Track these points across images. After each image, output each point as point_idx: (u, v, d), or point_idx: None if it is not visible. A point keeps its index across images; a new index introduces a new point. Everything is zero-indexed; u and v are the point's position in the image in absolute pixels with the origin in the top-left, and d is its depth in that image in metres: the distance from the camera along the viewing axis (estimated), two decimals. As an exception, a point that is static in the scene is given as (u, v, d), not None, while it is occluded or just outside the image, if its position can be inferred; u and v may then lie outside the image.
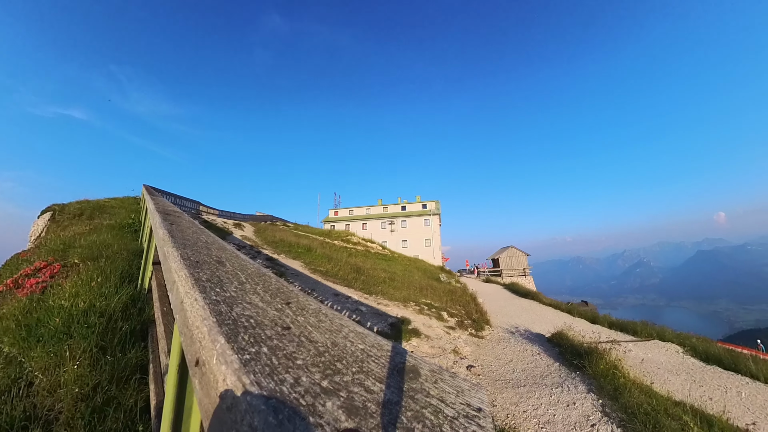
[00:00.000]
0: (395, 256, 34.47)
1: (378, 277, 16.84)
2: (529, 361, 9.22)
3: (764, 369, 11.68)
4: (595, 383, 7.25)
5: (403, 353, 0.99)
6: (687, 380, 10.66)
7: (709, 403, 8.70)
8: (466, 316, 13.39)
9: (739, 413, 8.29)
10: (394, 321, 9.65)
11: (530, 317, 16.95)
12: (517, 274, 54.44)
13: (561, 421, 5.70)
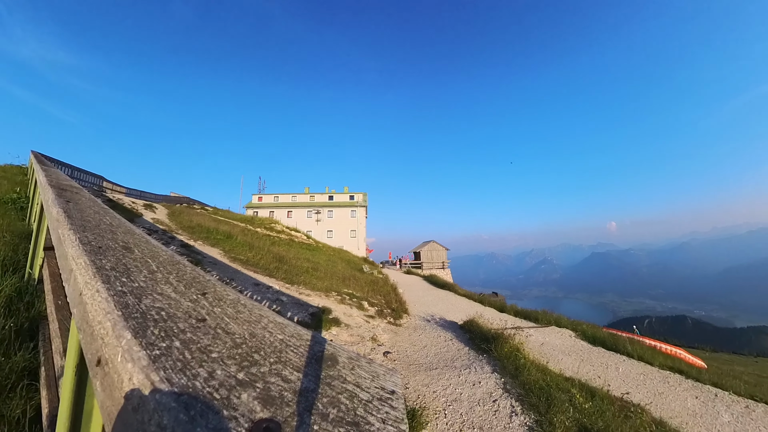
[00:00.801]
0: (320, 246, 34.07)
1: (301, 266, 16.57)
2: (442, 346, 9.81)
3: (637, 349, 13.71)
4: (499, 364, 7.95)
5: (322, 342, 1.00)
6: (577, 359, 12.11)
7: (593, 378, 10.01)
8: (386, 305, 13.75)
9: (617, 385, 9.72)
10: (315, 311, 9.62)
11: (445, 306, 17.90)
12: (436, 266, 57.21)
13: (467, 399, 6.19)
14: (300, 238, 32.79)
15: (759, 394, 10.92)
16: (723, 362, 26.79)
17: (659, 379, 11.20)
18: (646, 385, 10.50)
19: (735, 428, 8.62)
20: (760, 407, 10.06)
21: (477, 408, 5.91)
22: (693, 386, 11.05)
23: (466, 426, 5.33)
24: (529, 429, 5.36)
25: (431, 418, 5.35)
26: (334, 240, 60.43)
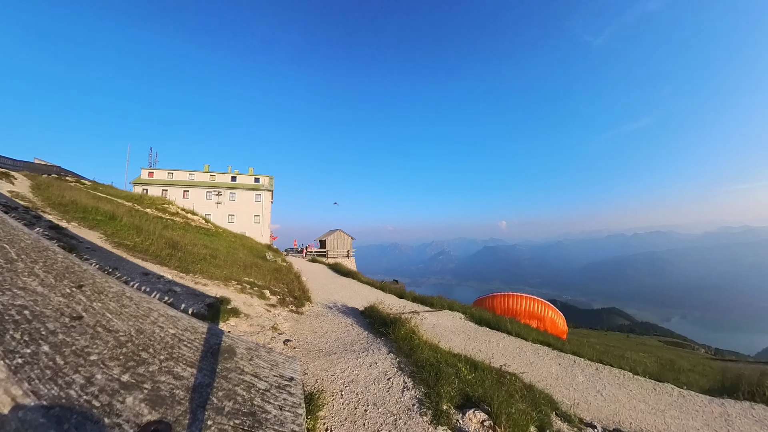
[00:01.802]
0: (220, 231, 31.43)
1: (198, 253, 15.19)
2: (343, 331, 10.01)
3: (515, 327, 15.56)
4: (396, 346, 8.38)
5: (219, 334, 0.96)
6: (465, 338, 13.36)
7: (478, 353, 11.24)
8: (289, 293, 13.47)
9: (497, 358, 11.08)
10: (213, 301, 8.97)
11: (348, 294, 18.19)
12: (341, 255, 57.70)
13: (363, 379, 6.46)
14: (197, 221, 30.05)
15: (606, 359, 13.40)
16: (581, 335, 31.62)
17: (531, 351, 13.04)
18: (521, 357, 12.19)
19: (587, 385, 10.66)
20: (606, 369, 12.39)
21: (372, 387, 6.18)
22: (557, 356, 13.06)
23: (361, 404, 5.56)
24: (419, 401, 5.78)
25: (328, 399, 5.47)
26: (236, 225, 56.67)
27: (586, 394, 10.01)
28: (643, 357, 17.29)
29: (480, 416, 5.62)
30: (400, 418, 5.27)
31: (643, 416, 9.12)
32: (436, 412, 5.42)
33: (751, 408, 10.18)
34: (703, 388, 11.74)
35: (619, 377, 11.74)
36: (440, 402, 5.66)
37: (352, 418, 5.11)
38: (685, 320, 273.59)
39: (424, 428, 5.10)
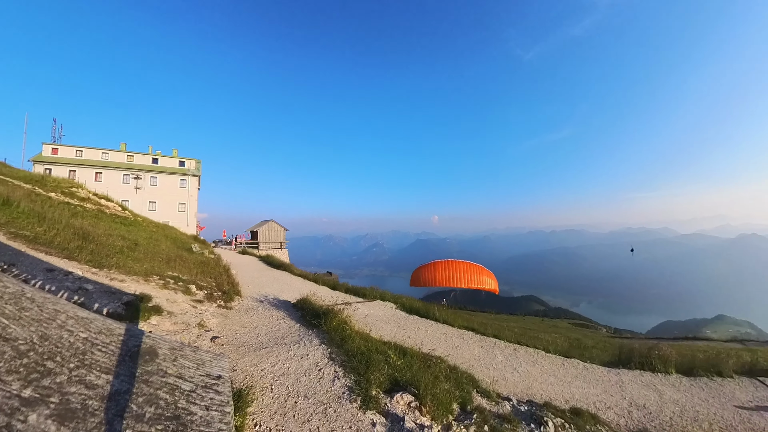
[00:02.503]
0: (139, 220, 28.15)
1: (114, 245, 13.53)
2: (274, 325, 9.79)
3: (443, 314, 16.34)
4: (327, 337, 8.47)
5: (139, 335, 0.90)
6: (395, 326, 13.77)
7: (407, 340, 11.69)
8: (217, 288, 12.78)
9: (425, 343, 11.62)
10: (131, 299, 8.14)
11: (280, 286, 17.78)
12: (274, 247, 55.79)
13: (294, 371, 6.44)
14: (113, 208, 26.79)
15: (523, 341, 14.76)
16: (502, 320, 34.04)
17: (457, 336, 13.91)
18: (447, 342, 12.97)
19: (505, 364, 11.67)
20: (522, 349, 13.62)
21: (303, 378, 6.20)
22: (480, 339, 14.08)
23: (292, 396, 5.56)
24: (349, 389, 5.94)
25: (258, 395, 5.38)
26: (157, 213, 50.58)
27: (504, 371, 11.02)
28: (554, 337, 19.23)
29: (407, 398, 5.89)
30: (330, 407, 5.36)
31: (553, 388, 10.34)
32: (365, 398, 5.60)
33: (641, 375, 12.22)
34: (603, 361, 13.49)
35: (534, 356, 13.04)
36: (370, 388, 5.84)
37: (282, 411, 5.09)
38: (591, 305, 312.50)
39: (353, 414, 5.23)
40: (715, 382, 12.01)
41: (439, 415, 5.87)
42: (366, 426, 5.00)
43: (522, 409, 7.31)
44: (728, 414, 9.81)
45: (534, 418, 6.85)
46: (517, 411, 7.23)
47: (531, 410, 7.25)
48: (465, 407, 6.71)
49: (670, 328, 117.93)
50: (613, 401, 9.99)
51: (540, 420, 6.73)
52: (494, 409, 7.25)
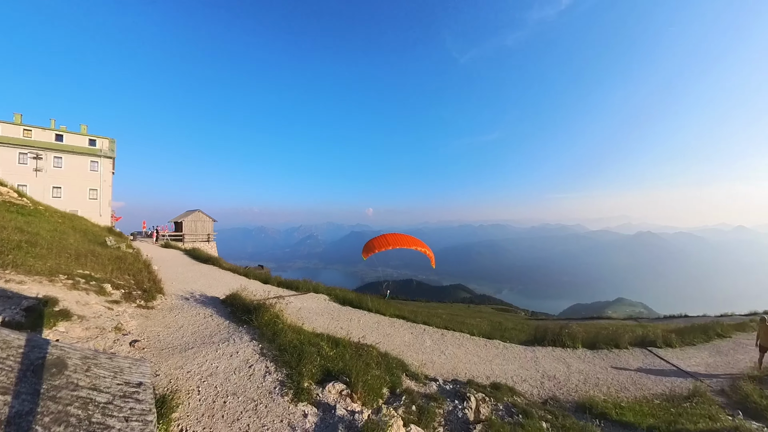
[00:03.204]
0: (41, 209, 23.85)
1: (9, 240, 11.37)
2: (201, 323, 9.24)
3: (375, 304, 16.68)
4: (259, 332, 8.22)
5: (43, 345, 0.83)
6: (328, 318, 13.80)
7: (340, 330, 11.78)
8: (137, 286, 11.71)
9: (358, 333, 11.72)
10: (33, 303, 7.00)
11: (208, 282, 16.85)
12: (201, 239, 52.05)
13: (223, 371, 6.16)
14: (6, 195, 22.86)
15: (450, 326, 15.61)
16: (432, 308, 35.48)
17: (388, 324, 14.35)
18: (379, 330, 13.35)
19: (433, 348, 12.35)
20: (449, 333, 14.46)
21: (233, 377, 5.98)
22: (411, 326, 14.69)
23: (220, 396, 5.34)
24: (280, 383, 5.85)
25: (184, 398, 5.09)
26: (64, 201, 42.02)
27: (432, 355, 11.69)
28: (478, 322, 20.66)
29: (339, 387, 5.99)
30: (260, 403, 5.25)
31: (476, 367, 11.24)
32: (297, 391, 5.59)
33: (553, 351, 13.77)
34: (521, 340, 14.88)
35: (460, 339, 13.93)
36: (302, 380, 5.83)
37: (210, 412, 4.88)
38: (512, 291, 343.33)
39: (285, 407, 5.20)
40: (613, 353, 14.00)
41: (370, 400, 6.06)
42: (298, 418, 5.00)
43: (447, 388, 7.83)
44: (623, 378, 11.54)
45: (458, 395, 7.36)
46: (443, 390, 7.75)
47: (455, 388, 7.80)
48: (395, 390, 7.01)
49: (578, 310, 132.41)
50: (528, 374, 11.14)
51: (463, 396, 7.24)
52: (422, 390, 7.67)
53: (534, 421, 6.84)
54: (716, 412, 8.70)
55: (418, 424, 5.77)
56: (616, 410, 8.50)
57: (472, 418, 6.62)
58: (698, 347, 15.59)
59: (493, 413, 7.13)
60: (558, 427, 6.86)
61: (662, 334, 15.88)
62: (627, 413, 8.39)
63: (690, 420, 8.06)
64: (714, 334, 17.15)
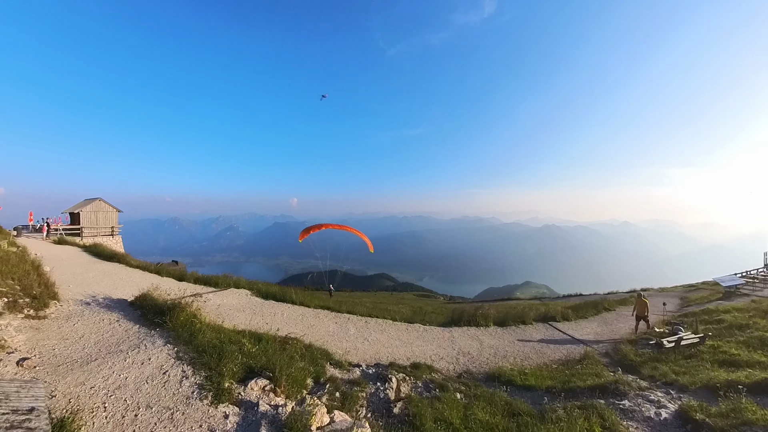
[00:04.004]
0: None
1: None
2: (105, 331, 8.18)
3: (299, 296, 16.55)
4: (173, 334, 7.63)
5: None
6: (250, 314, 13.38)
7: (263, 325, 11.51)
8: (23, 292, 9.93)
9: (281, 327, 11.49)
10: None
11: (113, 282, 15.13)
12: (103, 233, 45.82)
13: (134, 381, 5.66)
14: None
15: (374, 313, 16.04)
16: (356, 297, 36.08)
17: (313, 316, 14.34)
18: (303, 322, 13.31)
19: (357, 336, 12.62)
20: (373, 320, 14.86)
21: (145, 386, 5.55)
22: (335, 316, 14.84)
23: (131, 409, 4.94)
24: (199, 386, 5.58)
25: (87, 418, 4.59)
26: None
27: (356, 342, 11.99)
28: (400, 308, 21.57)
29: (262, 383, 5.94)
30: (177, 411, 4.98)
31: (398, 350, 11.80)
32: (217, 392, 5.40)
33: (468, 330, 14.91)
34: (440, 323, 15.89)
35: (383, 325, 14.43)
36: (222, 381, 5.64)
37: (119, 429, 4.50)
38: (433, 278, 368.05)
39: (204, 411, 5.01)
40: (520, 328, 15.69)
41: (294, 393, 6.10)
42: (218, 420, 4.86)
43: (370, 372, 8.19)
44: (527, 349, 13.07)
45: (380, 377, 7.74)
46: (366, 374, 8.08)
47: (378, 371, 8.18)
48: (319, 380, 7.13)
49: (491, 293, 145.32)
50: (445, 353, 12.02)
51: (385, 378, 7.63)
52: (346, 376, 7.89)
53: (450, 393, 7.48)
54: (601, 370, 10.37)
55: (341, 410, 5.96)
56: (521, 376, 9.75)
57: (393, 397, 7.01)
58: (589, 319, 18.24)
59: (413, 390, 7.62)
60: (470, 396, 7.59)
61: (561, 311, 18.26)
62: (530, 378, 9.65)
63: (580, 378, 9.49)
64: (602, 308, 20.26)
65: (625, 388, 8.52)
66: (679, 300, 25.58)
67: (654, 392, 8.40)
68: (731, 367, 9.69)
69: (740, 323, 14.27)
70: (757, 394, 7.67)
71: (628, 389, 8.48)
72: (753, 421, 6.25)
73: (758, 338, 11.86)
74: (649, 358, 11.33)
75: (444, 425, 6.13)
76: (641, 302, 15.11)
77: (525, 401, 7.71)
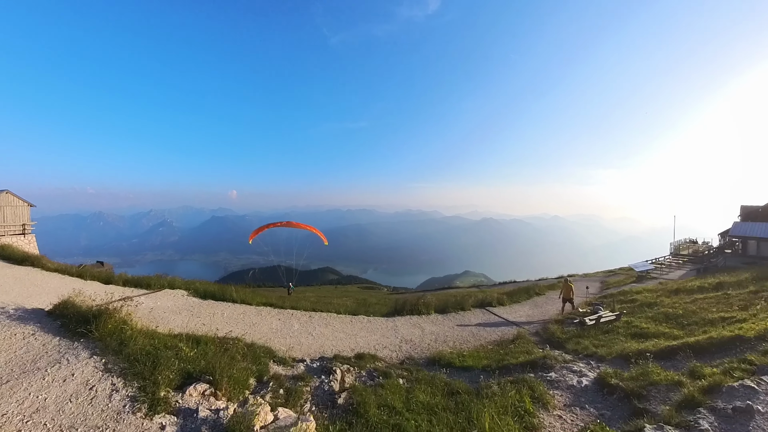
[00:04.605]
0: None
1: None
2: (19, 347, 7.05)
3: (240, 294, 16.04)
4: (101, 345, 6.91)
5: None
6: (188, 315, 12.72)
7: (202, 327, 11.02)
8: None
9: (222, 327, 11.18)
10: None
11: (26, 290, 13.50)
12: (11, 231, 39.96)
13: (54, 402, 5.08)
14: None
15: (318, 307, 15.99)
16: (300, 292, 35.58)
17: (255, 314, 14.02)
18: (245, 321, 12.99)
19: (301, 331, 12.64)
20: (317, 314, 14.88)
21: (68, 406, 5.01)
22: (278, 312, 14.60)
23: (52, 434, 4.44)
24: (131, 399, 5.20)
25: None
26: None
27: (300, 337, 11.98)
28: (344, 300, 21.78)
29: (201, 387, 5.74)
30: (107, 428, 4.62)
31: (342, 342, 11.97)
32: (152, 402, 5.11)
33: (410, 318, 15.51)
34: (383, 313, 16.30)
35: (327, 318, 14.50)
36: (158, 390, 5.35)
37: (40, 457, 4.09)
38: (377, 271, 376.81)
39: (137, 425, 4.71)
40: (459, 314, 16.60)
41: (236, 394, 5.98)
42: (154, 432, 4.65)
43: (314, 366, 8.24)
44: (465, 333, 13.87)
45: (324, 370, 7.83)
46: (311, 368, 8.13)
47: (322, 364, 8.26)
48: (262, 378, 7.04)
49: (432, 283, 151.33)
50: (389, 342, 12.39)
51: (330, 370, 7.74)
52: (290, 372, 7.87)
53: (392, 379, 7.79)
54: (532, 348, 11.46)
55: (285, 406, 5.96)
56: (459, 358, 10.47)
57: (337, 389, 7.13)
58: (522, 303, 19.93)
59: (357, 380, 7.81)
60: (412, 380, 7.97)
61: (497, 297, 19.68)
62: (468, 359, 10.39)
63: (513, 356, 10.40)
64: (533, 293, 22.40)
65: (552, 362, 9.57)
66: (599, 284, 28.94)
67: (576, 364, 9.50)
68: (641, 339, 11.32)
69: (649, 302, 16.54)
70: (661, 359, 8.96)
71: (554, 363, 9.53)
72: (658, 381, 7.38)
73: (663, 314, 13.96)
74: (573, 334, 12.79)
75: (387, 410, 6.39)
76: (567, 286, 16.97)
77: (463, 381, 8.29)
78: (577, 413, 7.08)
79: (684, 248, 41.28)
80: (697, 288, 18.39)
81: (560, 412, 7.11)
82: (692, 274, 29.38)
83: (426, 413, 6.49)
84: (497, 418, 6.13)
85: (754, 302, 13.36)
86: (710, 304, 14.39)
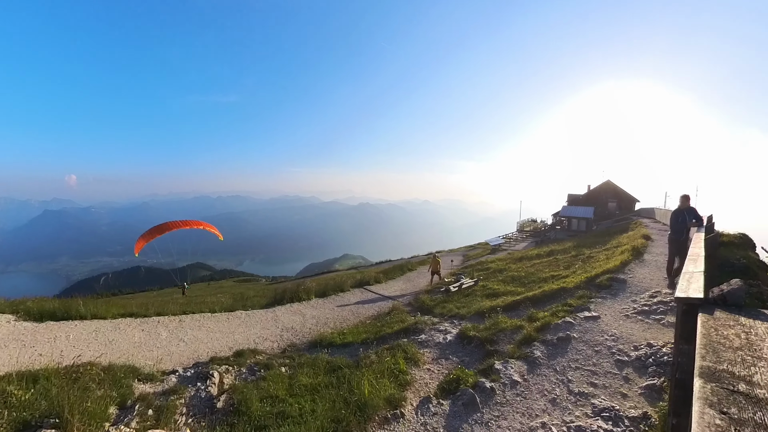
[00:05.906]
0: None
1: None
2: None
3: (91, 308, 13.06)
4: None
5: None
6: (17, 347, 9.99)
7: (39, 358, 8.64)
8: None
9: (68, 352, 9.15)
10: None
11: None
12: None
13: None
14: None
15: (188, 309, 14.34)
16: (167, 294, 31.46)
17: (111, 329, 11.53)
18: (99, 339, 10.62)
19: (170, 339, 11.06)
20: (188, 317, 13.30)
21: None
22: (141, 322, 12.37)
23: None
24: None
25: None
26: None
27: (169, 347, 10.48)
28: (220, 297, 19.91)
29: (43, 433, 4.78)
30: None
31: (219, 342, 11.01)
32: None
33: (291, 306, 15.31)
34: (262, 305, 15.60)
35: (200, 320, 13.03)
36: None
37: None
38: (254, 261, 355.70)
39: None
40: (339, 296, 17.09)
41: (93, 430, 5.13)
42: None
43: (188, 374, 7.42)
44: (345, 312, 14.36)
45: (200, 377, 7.18)
46: (184, 378, 7.29)
47: (198, 371, 7.51)
48: (126, 403, 6.13)
49: (312, 269, 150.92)
50: (269, 333, 12.02)
51: (206, 375, 7.14)
52: (159, 388, 6.95)
53: (275, 369, 7.66)
54: (405, 317, 12.40)
55: (156, 428, 5.36)
56: (340, 337, 10.83)
57: (216, 392, 6.69)
58: (396, 279, 21.51)
59: (237, 378, 7.44)
60: (295, 366, 7.95)
61: (374, 275, 20.84)
62: (348, 336, 10.80)
63: (389, 326, 11.15)
64: (406, 269, 24.39)
65: (422, 326, 10.60)
66: (462, 257, 33.25)
67: (443, 324, 10.73)
68: (494, 297, 13.32)
69: (500, 268, 19.75)
70: (508, 311, 10.81)
71: (424, 326, 10.56)
72: (505, 328, 8.94)
73: (510, 276, 16.83)
74: (440, 301, 14.30)
75: (270, 400, 6.28)
76: (435, 261, 19.20)
77: (344, 356, 8.60)
78: (443, 364, 8.08)
79: (527, 226, 52.91)
80: (535, 255, 22.59)
81: (429, 366, 8.02)
82: (532, 245, 36.77)
83: (309, 394, 6.57)
84: (375, 383, 6.59)
85: (573, 263, 17.12)
86: (544, 267, 17.89)
